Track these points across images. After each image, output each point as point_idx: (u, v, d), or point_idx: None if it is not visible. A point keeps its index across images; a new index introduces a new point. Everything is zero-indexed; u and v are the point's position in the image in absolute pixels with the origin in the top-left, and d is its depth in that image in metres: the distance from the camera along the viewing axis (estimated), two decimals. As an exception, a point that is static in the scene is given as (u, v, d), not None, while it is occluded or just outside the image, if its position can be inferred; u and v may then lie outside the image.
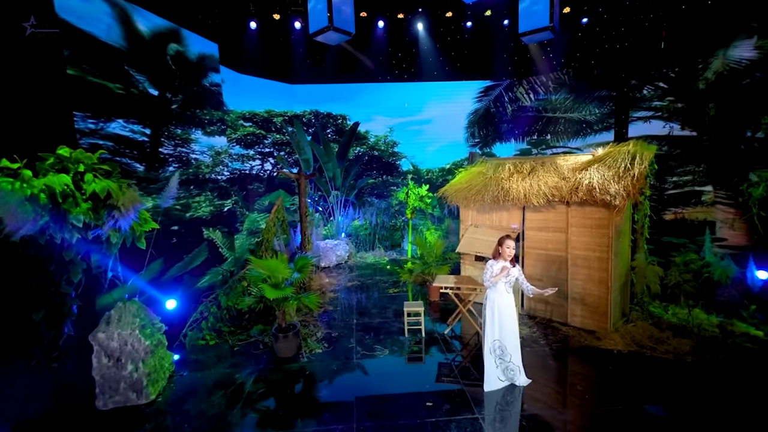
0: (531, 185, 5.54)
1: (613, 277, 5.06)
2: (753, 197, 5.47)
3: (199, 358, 4.86)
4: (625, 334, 4.96)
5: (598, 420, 3.42)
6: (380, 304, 6.75)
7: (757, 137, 6.58)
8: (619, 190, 4.65)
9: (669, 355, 4.54)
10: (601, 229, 5.04)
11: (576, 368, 4.37)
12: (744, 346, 4.71)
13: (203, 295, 5.77)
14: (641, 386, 3.92)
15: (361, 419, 3.53)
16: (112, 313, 3.85)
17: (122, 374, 3.79)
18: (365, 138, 11.77)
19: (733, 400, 3.68)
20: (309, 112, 11.39)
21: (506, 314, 3.84)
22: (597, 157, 5.47)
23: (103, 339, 3.76)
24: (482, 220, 6.43)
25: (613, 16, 9.50)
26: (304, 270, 4.92)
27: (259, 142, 10.29)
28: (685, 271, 5.20)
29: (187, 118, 6.54)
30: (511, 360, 3.86)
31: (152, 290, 5.03)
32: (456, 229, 9.91)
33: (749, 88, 6.69)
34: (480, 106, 12.23)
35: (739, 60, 6.90)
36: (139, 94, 5.66)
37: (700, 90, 7.33)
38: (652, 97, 8.17)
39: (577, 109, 10.93)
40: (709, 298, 5.53)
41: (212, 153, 7.10)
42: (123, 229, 3.52)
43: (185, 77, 6.53)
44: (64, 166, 3.35)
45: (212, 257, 7.08)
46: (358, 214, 10.95)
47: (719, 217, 6.94)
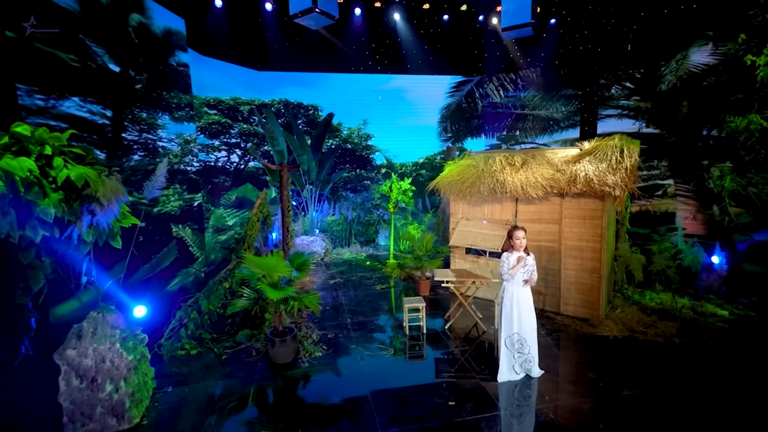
0: (527, 177, 5.58)
1: (603, 266, 5.25)
2: (725, 189, 5.95)
3: (182, 371, 4.31)
4: (617, 321, 5.18)
5: (621, 406, 3.48)
6: (370, 301, 6.50)
7: (712, 135, 7.22)
8: (617, 181, 4.81)
9: (659, 338, 4.79)
10: (594, 220, 5.20)
11: (581, 356, 4.45)
12: (717, 325, 5.11)
13: (181, 299, 5.14)
14: (647, 370, 4.08)
15: (385, 425, 3.28)
16: (84, 326, 3.23)
17: (99, 397, 3.20)
18: (338, 130, 11.36)
19: (729, 377, 3.93)
20: (278, 101, 10.74)
21: (525, 307, 3.79)
22: (586, 150, 5.63)
23: (74, 357, 3.14)
24: (474, 213, 6.40)
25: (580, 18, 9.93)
26: (304, 268, 4.53)
27: (225, 132, 9.50)
28: (667, 258, 5.53)
29: (153, 100, 5.79)
30: (529, 352, 3.83)
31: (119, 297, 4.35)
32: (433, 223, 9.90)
33: (707, 90, 7.30)
34: (452, 101, 12.32)
35: (697, 64, 7.51)
36: (98, 69, 4.87)
37: (663, 91, 7.89)
38: (620, 96, 8.68)
39: (544, 107, 11.37)
40: (684, 283, 5.96)
41: (181, 141, 6.37)
42: (102, 225, 2.95)
43: (150, 54, 5.77)
44: (23, 147, 2.71)
45: (182, 257, 6.38)
46: (332, 209, 10.55)
47: (680, 209, 7.54)
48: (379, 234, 10.95)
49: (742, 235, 6.20)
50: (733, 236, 6.41)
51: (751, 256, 6.29)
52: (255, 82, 10.51)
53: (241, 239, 5.84)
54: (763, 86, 5.98)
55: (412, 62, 11.17)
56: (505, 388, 3.79)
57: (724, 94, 7.07)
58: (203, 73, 8.87)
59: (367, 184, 11.69)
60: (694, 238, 6.51)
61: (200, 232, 6.91)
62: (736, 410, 3.40)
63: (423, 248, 6.60)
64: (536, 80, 11.39)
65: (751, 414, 3.35)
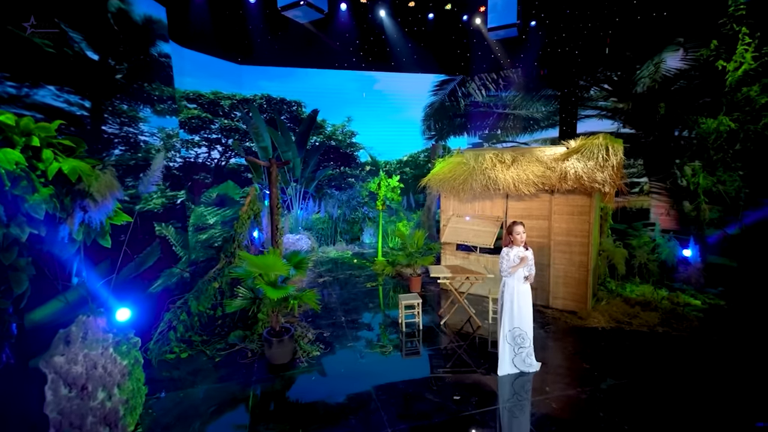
0: (518, 175, 5.70)
1: (590, 260, 5.45)
2: (700, 186, 6.30)
3: (174, 375, 4.12)
4: (604, 312, 5.39)
5: (616, 394, 3.62)
6: (362, 299, 6.46)
7: (683, 135, 7.65)
8: (606, 178, 5.00)
9: (644, 327, 5.03)
10: (582, 216, 5.39)
11: (574, 347, 4.60)
12: (693, 314, 5.42)
13: (168, 300, 4.91)
14: (637, 359, 4.27)
15: (393, 422, 3.27)
16: (72, 330, 3.01)
17: (90, 406, 3.00)
18: (322, 127, 11.20)
19: (709, 362, 4.18)
20: (260, 96, 10.46)
21: (525, 302, 3.88)
22: (573, 148, 5.81)
23: (63, 364, 2.93)
24: (464, 209, 6.48)
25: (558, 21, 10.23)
26: (302, 266, 4.43)
27: (205, 127, 9.15)
28: (647, 252, 5.81)
29: (133, 92, 5.49)
30: (529, 345, 3.92)
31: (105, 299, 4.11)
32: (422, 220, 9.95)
33: (678, 93, 7.73)
34: (436, 100, 12.42)
35: (670, 69, 7.93)
36: (75, 56, 4.56)
37: (638, 93, 8.28)
38: (598, 98, 9.03)
39: (525, 107, 11.67)
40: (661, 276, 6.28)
41: (163, 135, 6.08)
42: (95, 222, 2.76)
43: (130, 42, 5.46)
44: (6, 137, 2.50)
45: (165, 257, 6.10)
46: (317, 206, 10.40)
47: (654, 205, 7.96)
48: (363, 232, 10.90)
49: (713, 229, 6.61)
50: (704, 231, 6.82)
51: (719, 249, 6.71)
52: (236, 76, 10.19)
53: (231, 237, 5.64)
54: (732, 90, 6.39)
55: (396, 60, 11.17)
56: (506, 381, 3.87)
57: (694, 97, 7.50)
58: (182, 65, 8.49)
59: (352, 181, 11.61)
60: (670, 233, 6.88)
61: (183, 230, 6.63)
62: (716, 392, 3.61)
63: (414, 245, 6.62)
64: (517, 80, 11.67)
65: (729, 394, 3.57)
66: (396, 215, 9.77)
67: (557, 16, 10.10)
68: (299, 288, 7.11)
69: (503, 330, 3.92)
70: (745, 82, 6.27)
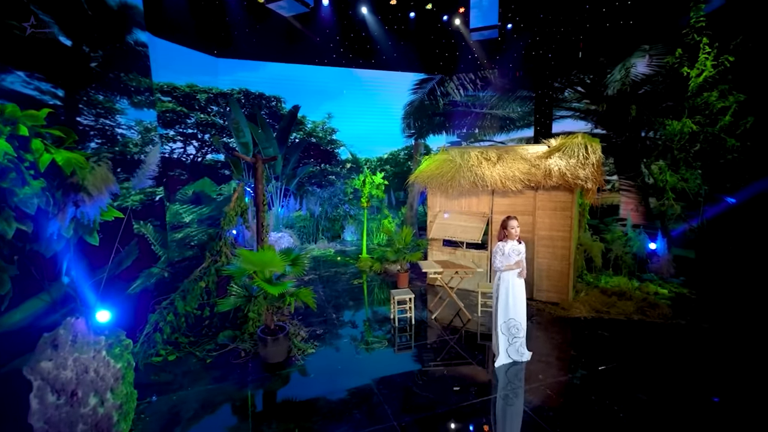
0: (505, 172, 5.88)
1: (572, 253, 5.72)
2: (668, 183, 6.76)
3: (163, 378, 3.95)
4: (584, 303, 5.68)
5: (604, 377, 3.83)
6: (351, 296, 6.44)
7: (649, 136, 8.17)
8: (588, 175, 5.27)
9: (621, 315, 5.35)
10: (564, 211, 5.64)
11: (560, 337, 4.83)
12: (662, 302, 5.82)
13: (153, 301, 4.69)
14: (619, 344, 4.54)
15: (397, 415, 3.30)
16: (60, 333, 2.82)
17: (81, 413, 2.82)
18: (302, 123, 11.03)
19: (682, 344, 4.51)
20: (238, 90, 10.15)
21: (519, 294, 4.02)
22: (554, 147, 6.07)
23: (50, 369, 2.74)
24: (451, 206, 6.60)
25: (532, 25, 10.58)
26: (299, 263, 4.36)
27: (180, 122, 8.77)
28: (623, 245, 6.17)
29: (110, 82, 5.18)
30: (522, 335, 4.07)
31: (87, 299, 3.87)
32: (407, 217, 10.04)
33: (644, 96, 8.24)
34: (416, 98, 12.53)
35: (637, 74, 8.44)
36: (47, 41, 4.24)
37: (609, 96, 8.76)
38: (572, 99, 9.46)
39: (501, 107, 12.02)
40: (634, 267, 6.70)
41: (141, 129, 5.77)
42: (88, 217, 2.61)
43: (105, 29, 5.14)
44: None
45: (143, 256, 5.81)
46: (298, 204, 10.23)
47: (623, 201, 8.45)
48: (345, 230, 10.85)
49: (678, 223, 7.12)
50: (669, 225, 7.34)
51: (683, 242, 7.25)
52: (211, 69, 9.81)
53: (216, 235, 5.45)
54: (693, 95, 6.90)
55: (377, 57, 11.17)
56: (502, 371, 4.00)
57: (659, 100, 8.03)
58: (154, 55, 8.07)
59: (332, 179, 11.51)
60: (639, 227, 7.34)
61: (162, 229, 6.34)
62: (692, 370, 3.91)
63: (402, 241, 6.68)
64: (494, 81, 11.99)
65: (702, 372, 3.88)
66: (380, 213, 9.78)
67: (532, 20, 10.46)
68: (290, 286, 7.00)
69: (498, 321, 4.04)
70: (705, 88, 6.79)
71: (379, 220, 9.26)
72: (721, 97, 6.66)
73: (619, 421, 3.19)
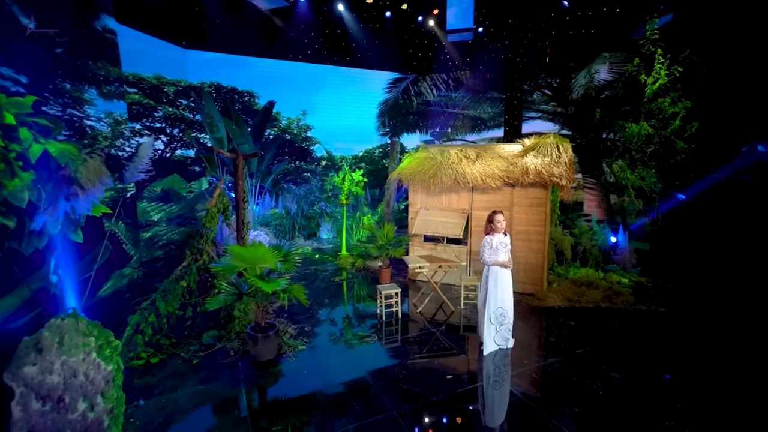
0: (484, 169, 6.12)
1: (546, 247, 6.07)
2: (630, 181, 7.32)
3: (148, 382, 3.79)
4: (557, 293, 6.05)
5: (581, 360, 4.13)
6: (334, 293, 6.45)
7: (610, 138, 8.80)
8: (562, 172, 5.61)
9: (590, 304, 5.76)
10: (540, 207, 5.97)
11: (539, 325, 5.13)
12: (624, 290, 6.32)
13: (132, 302, 4.47)
14: (592, 330, 4.89)
15: (396, 404, 3.39)
16: (45, 336, 2.65)
17: (69, 419, 2.67)
18: (276, 120, 10.81)
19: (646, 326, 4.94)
20: (209, 84, 9.79)
21: (507, 284, 4.24)
22: (528, 146, 6.39)
23: (35, 374, 2.57)
24: (432, 202, 6.77)
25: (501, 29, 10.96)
26: (290, 259, 4.33)
27: (147, 115, 8.33)
28: (590, 238, 6.62)
29: (77, 69, 4.85)
30: (508, 322, 4.29)
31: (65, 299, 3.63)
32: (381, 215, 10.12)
33: (605, 101, 8.85)
34: (390, 97, 12.66)
35: (599, 80, 9.04)
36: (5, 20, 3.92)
37: (574, 99, 9.32)
38: (541, 101, 9.97)
39: (473, 107, 12.43)
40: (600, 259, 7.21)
41: (111, 121, 5.45)
42: (79, 212, 2.48)
43: (71, 11, 4.81)
44: (-29, 113, 2.14)
45: (113, 256, 5.49)
46: (274, 202, 10.04)
47: (587, 198, 9.04)
48: (321, 227, 10.77)
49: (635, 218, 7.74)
50: (628, 220, 7.96)
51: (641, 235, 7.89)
52: (180, 60, 9.39)
53: (196, 233, 5.27)
54: (649, 101, 7.51)
55: (352, 55, 11.17)
56: (490, 358, 4.19)
57: (618, 104, 8.66)
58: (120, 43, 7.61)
59: (307, 176, 11.38)
60: (603, 222, 7.89)
61: (134, 227, 6.01)
62: (658, 349, 4.32)
63: (384, 237, 6.77)
64: (466, 82, 12.37)
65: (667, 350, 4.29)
66: (358, 210, 9.81)
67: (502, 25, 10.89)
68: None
69: (487, 311, 4.23)
70: (659, 94, 7.42)
71: (359, 218, 9.30)
72: (672, 103, 7.31)
73: (599, 398, 3.47)
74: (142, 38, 8.36)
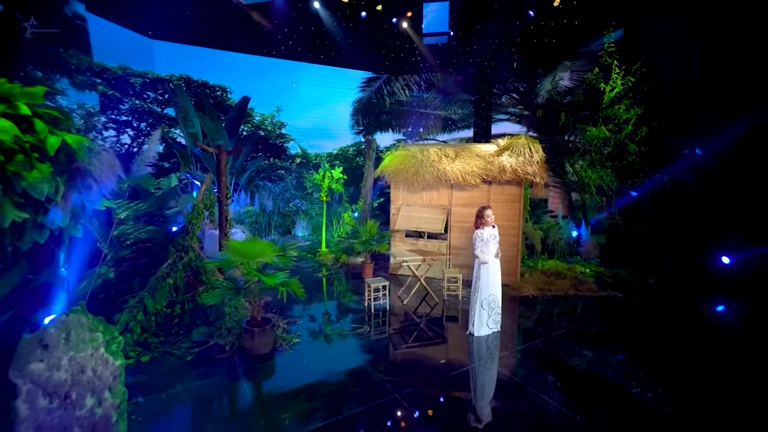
0: (464, 167, 6.47)
1: (519, 240, 6.53)
2: (591, 179, 8.00)
3: (142, 380, 3.71)
4: (530, 283, 6.53)
5: (561, 341, 4.55)
6: (319, 288, 6.53)
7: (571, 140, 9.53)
8: (535, 171, 6.06)
9: (560, 292, 6.29)
10: (514, 203, 6.41)
11: (517, 312, 5.54)
12: (588, 279, 6.95)
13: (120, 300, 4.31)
14: (565, 314, 5.37)
15: (398, 387, 3.58)
16: (50, 332, 2.57)
17: (76, 415, 2.61)
18: (250, 116, 10.60)
19: (610, 309, 5.51)
20: (178, 77, 9.41)
21: (496, 273, 4.59)
22: (503, 146, 6.83)
23: (42, 371, 2.50)
24: (413, 199, 7.03)
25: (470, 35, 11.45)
26: (287, 253, 4.38)
27: (113, 107, 7.91)
28: (557, 232, 7.18)
29: (48, 57, 4.59)
30: (498, 307, 4.64)
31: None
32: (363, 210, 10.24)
33: (567, 105, 9.57)
34: (364, 96, 12.80)
35: (562, 86, 9.75)
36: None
37: (539, 103, 9.98)
38: (509, 104, 10.56)
39: (444, 108, 12.87)
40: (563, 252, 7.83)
41: (83, 113, 5.18)
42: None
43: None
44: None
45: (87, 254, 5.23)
46: (249, 199, 9.86)
47: (550, 195, 9.73)
48: (296, 225, 10.72)
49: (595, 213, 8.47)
50: (588, 215, 8.69)
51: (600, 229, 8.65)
52: (146, 51, 8.96)
53: (183, 229, 5.15)
54: (606, 107, 8.25)
55: (327, 53, 11.19)
56: (479, 342, 4.51)
57: (578, 109, 9.40)
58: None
59: (282, 173, 11.26)
60: (567, 217, 8.56)
61: (108, 225, 5.73)
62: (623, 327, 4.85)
63: (368, 233, 6.93)
64: (437, 84, 12.78)
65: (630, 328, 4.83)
66: (341, 206, 9.87)
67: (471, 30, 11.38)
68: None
69: (479, 298, 4.55)
70: (615, 101, 8.18)
71: (339, 214, 9.38)
72: (626, 110, 8.09)
73: (578, 373, 3.88)
74: (106, 25, 7.91)
